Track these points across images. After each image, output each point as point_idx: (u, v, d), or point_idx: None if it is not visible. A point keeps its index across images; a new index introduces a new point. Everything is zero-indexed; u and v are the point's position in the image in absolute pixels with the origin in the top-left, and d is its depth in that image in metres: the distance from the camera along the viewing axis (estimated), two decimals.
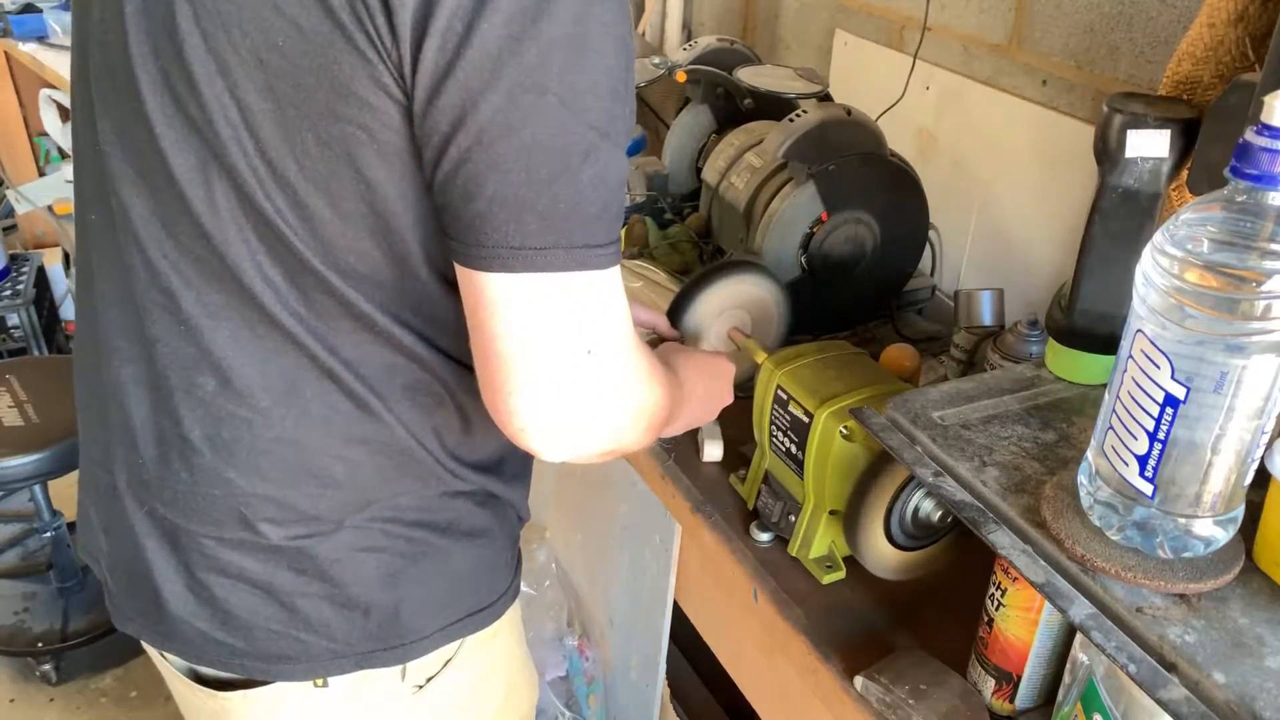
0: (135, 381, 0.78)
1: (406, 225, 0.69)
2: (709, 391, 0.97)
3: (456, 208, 0.65)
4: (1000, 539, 0.72)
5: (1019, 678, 0.82)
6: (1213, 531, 0.66)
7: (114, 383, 0.79)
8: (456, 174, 0.63)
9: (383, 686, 0.85)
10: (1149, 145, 0.79)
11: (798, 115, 1.26)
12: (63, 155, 3.44)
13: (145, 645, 0.88)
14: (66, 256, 3.05)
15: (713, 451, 1.14)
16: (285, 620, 0.80)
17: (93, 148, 0.75)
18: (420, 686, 0.88)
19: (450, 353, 0.76)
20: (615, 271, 0.68)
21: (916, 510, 0.93)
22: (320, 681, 0.83)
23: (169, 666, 0.89)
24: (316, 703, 0.84)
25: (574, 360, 0.68)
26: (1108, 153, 0.81)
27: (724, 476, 1.12)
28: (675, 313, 1.09)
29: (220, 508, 0.77)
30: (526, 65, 0.60)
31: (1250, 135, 0.58)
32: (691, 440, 1.16)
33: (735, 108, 1.49)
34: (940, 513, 0.93)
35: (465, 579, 0.86)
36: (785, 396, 0.97)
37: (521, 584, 1.50)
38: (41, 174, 3.45)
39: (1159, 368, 0.62)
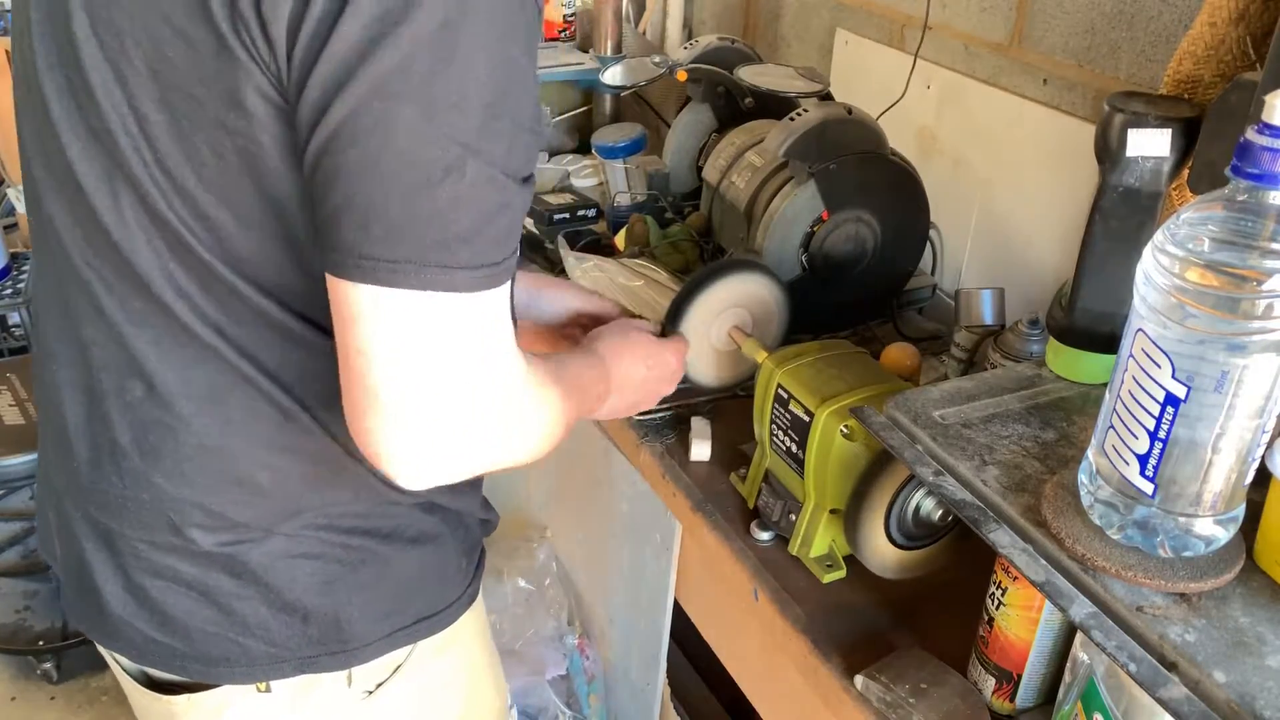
0: (71, 385, 0.77)
1: (309, 232, 0.67)
2: (645, 386, 0.97)
3: (315, 206, 0.63)
4: (1001, 538, 0.72)
5: (1019, 677, 0.82)
6: (1213, 530, 0.66)
7: (53, 386, 0.79)
8: (316, 172, 0.61)
9: (329, 692, 0.84)
10: (1150, 144, 0.79)
11: (798, 114, 1.26)
12: None
13: (98, 647, 0.88)
14: None
15: (700, 451, 1.14)
16: (222, 623, 0.79)
17: (24, 154, 0.75)
18: (370, 692, 0.87)
19: None
20: (489, 295, 0.64)
21: (917, 509, 0.93)
22: (263, 686, 0.82)
23: (119, 669, 0.89)
24: (261, 707, 0.83)
25: (432, 387, 0.63)
26: (1109, 152, 0.81)
27: (724, 475, 1.12)
28: (676, 311, 1.09)
29: (149, 512, 0.77)
30: (383, 70, 0.57)
31: (1251, 134, 0.58)
32: (686, 440, 1.16)
33: (736, 107, 1.49)
34: (941, 512, 0.93)
35: (411, 586, 0.85)
36: (786, 395, 0.97)
37: (522, 583, 1.49)
38: None
39: (1160, 367, 0.62)
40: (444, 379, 0.64)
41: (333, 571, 0.80)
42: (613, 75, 1.59)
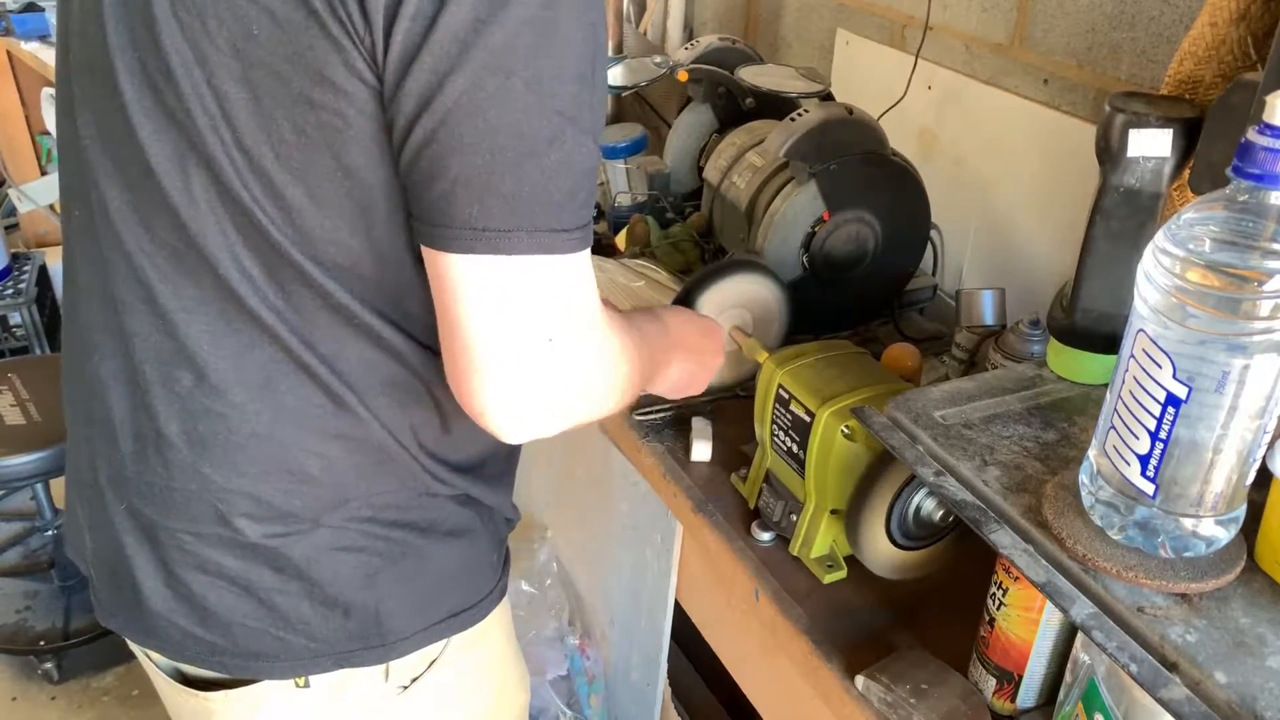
0: (114, 377, 0.77)
1: (385, 212, 0.69)
2: (701, 348, 0.98)
3: (421, 188, 0.65)
4: (1002, 538, 0.72)
5: (1020, 677, 0.82)
6: (1214, 531, 0.66)
7: (94, 378, 0.79)
8: (421, 155, 0.64)
9: (366, 687, 0.85)
10: (1151, 144, 0.79)
11: (799, 114, 1.26)
12: None
13: (130, 644, 0.88)
14: None
15: (701, 452, 1.14)
16: (264, 618, 0.80)
17: (74, 141, 0.75)
18: (405, 687, 0.87)
19: (430, 346, 0.76)
20: (581, 257, 0.68)
21: (918, 510, 0.93)
22: (302, 681, 0.83)
23: (153, 666, 0.89)
24: (299, 703, 0.84)
25: (534, 347, 0.68)
26: (1109, 152, 0.81)
27: (725, 476, 1.12)
28: None
29: (197, 504, 0.77)
30: (493, 48, 0.60)
31: (1252, 135, 0.58)
32: (687, 440, 1.16)
33: (737, 107, 1.49)
34: (942, 512, 0.93)
35: (447, 579, 0.86)
36: (787, 396, 0.97)
37: (523, 584, 1.49)
38: (43, 173, 3.45)
39: (1161, 367, 0.62)
40: (546, 336, 0.68)
41: (374, 565, 0.81)
42: (613, 76, 1.58)
